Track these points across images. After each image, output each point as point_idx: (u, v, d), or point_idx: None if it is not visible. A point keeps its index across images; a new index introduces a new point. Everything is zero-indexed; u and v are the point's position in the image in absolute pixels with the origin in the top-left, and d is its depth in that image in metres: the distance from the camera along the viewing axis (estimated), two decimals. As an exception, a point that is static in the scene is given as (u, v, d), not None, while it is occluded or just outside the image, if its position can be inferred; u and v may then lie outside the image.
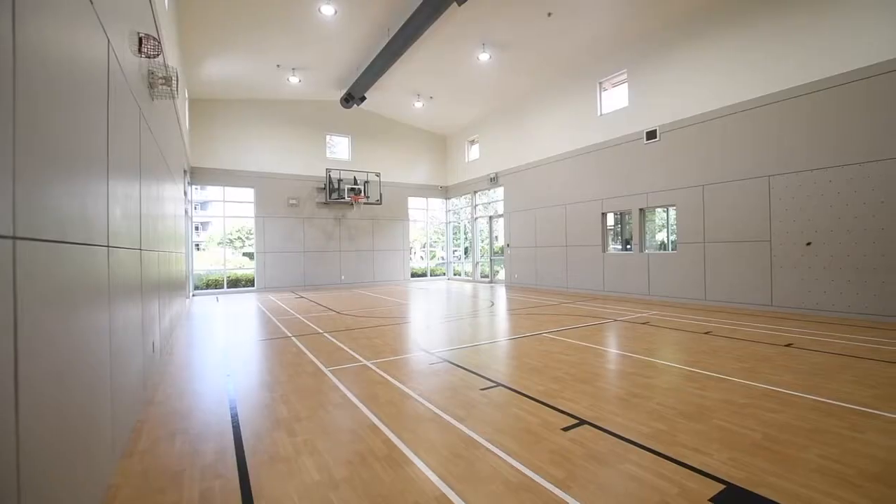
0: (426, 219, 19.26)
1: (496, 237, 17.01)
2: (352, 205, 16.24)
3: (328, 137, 16.39)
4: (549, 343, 5.95)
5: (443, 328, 7.39)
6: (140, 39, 3.73)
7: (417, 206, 18.77)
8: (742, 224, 8.72)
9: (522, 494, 2.28)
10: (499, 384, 4.16)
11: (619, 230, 11.93)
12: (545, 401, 3.68)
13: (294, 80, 13.16)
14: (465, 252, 19.23)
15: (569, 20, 10.07)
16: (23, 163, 1.36)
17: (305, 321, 8.25)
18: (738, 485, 2.34)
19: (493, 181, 15.93)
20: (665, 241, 11.09)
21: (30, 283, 1.41)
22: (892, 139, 6.82)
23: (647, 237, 11.03)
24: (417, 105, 15.60)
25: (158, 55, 4.07)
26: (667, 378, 4.31)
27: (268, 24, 10.13)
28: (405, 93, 14.94)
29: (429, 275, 19.28)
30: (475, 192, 17.53)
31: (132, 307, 3.37)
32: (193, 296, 13.77)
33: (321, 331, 7.19)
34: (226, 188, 14.51)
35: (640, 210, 10.81)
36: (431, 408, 3.56)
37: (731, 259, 8.90)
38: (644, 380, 4.24)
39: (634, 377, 4.34)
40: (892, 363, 4.64)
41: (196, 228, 21.42)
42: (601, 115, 11.88)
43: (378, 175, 16.56)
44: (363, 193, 16.07)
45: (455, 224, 19.51)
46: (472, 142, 17.77)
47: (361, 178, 16.27)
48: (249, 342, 6.55)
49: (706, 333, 6.42)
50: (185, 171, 11.24)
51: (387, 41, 10.72)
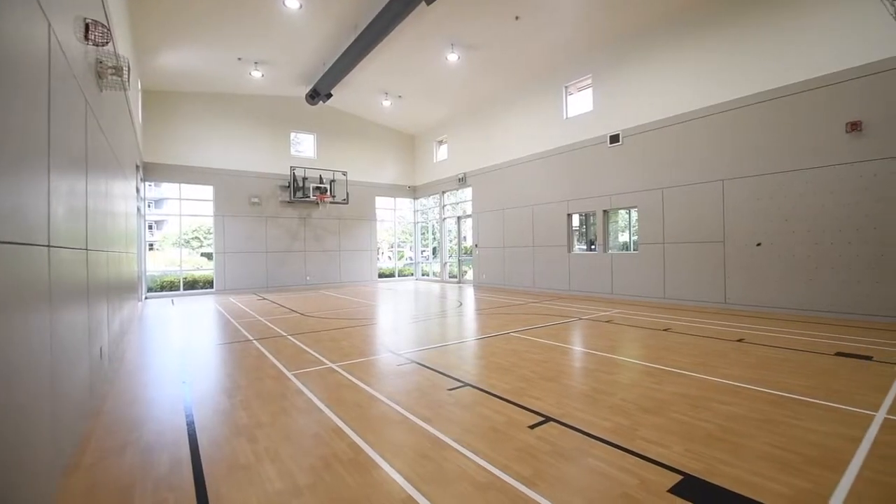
0: (394, 219, 19.12)
1: (464, 237, 17.09)
2: (317, 204, 15.87)
3: (293, 134, 15.97)
4: (517, 342, 6.03)
5: (411, 329, 7.35)
6: (87, 25, 3.49)
7: (385, 206, 18.60)
8: (698, 226, 9.14)
9: (489, 493, 2.28)
10: (466, 384, 4.17)
11: (584, 231, 12.25)
12: (512, 399, 3.72)
13: (256, 75, 12.74)
14: (434, 252, 19.22)
15: (536, 24, 10.25)
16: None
17: (268, 324, 8.00)
18: (695, 475, 2.44)
19: (462, 181, 16.00)
20: (627, 242, 11.48)
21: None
22: (835, 147, 7.33)
23: (611, 238, 11.38)
24: (386, 103, 15.46)
25: (108, 43, 3.82)
26: (628, 374, 4.45)
27: (228, 15, 9.75)
28: (373, 91, 14.77)
29: (397, 275, 19.14)
30: (443, 193, 17.56)
31: (77, 311, 3.15)
32: (146, 298, 13.08)
33: (284, 333, 6.99)
34: (182, 185, 13.85)
35: (604, 211, 11.14)
36: (399, 409, 3.52)
37: (688, 259, 9.32)
38: (607, 376, 4.36)
39: (598, 374, 4.46)
40: (827, 355, 4.98)
41: (150, 227, 20.35)
42: (567, 119, 12.16)
43: (345, 174, 16.28)
44: (329, 192, 15.76)
45: (423, 224, 19.47)
46: (441, 142, 17.78)
47: (327, 177, 15.96)
48: (207, 346, 6.28)
49: (665, 330, 6.68)
50: (138, 167, 10.66)
51: (354, 38, 10.56)
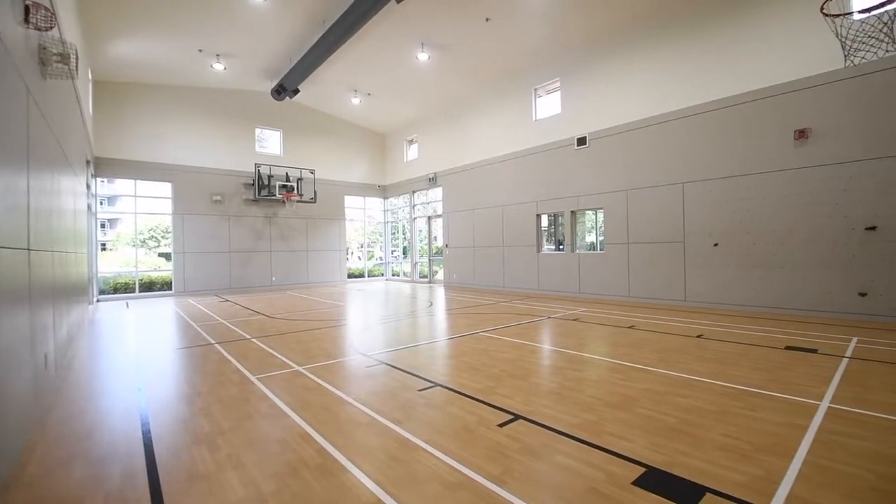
0: (364, 218, 18.88)
1: (435, 237, 17.08)
2: (284, 203, 15.45)
3: (258, 131, 15.48)
4: (487, 342, 6.07)
5: (380, 330, 7.27)
6: (27, 7, 3.25)
7: (355, 206, 18.34)
8: (660, 226, 9.49)
9: (459, 493, 2.28)
10: (437, 384, 4.16)
11: (553, 231, 12.49)
12: (482, 398, 3.73)
13: (219, 68, 12.27)
14: (404, 252, 19.12)
15: (506, 27, 10.36)
16: None
17: (231, 326, 7.72)
18: (657, 467, 2.52)
19: (432, 181, 15.98)
20: (594, 242, 11.79)
21: None
22: (785, 153, 7.78)
23: (578, 238, 11.65)
24: (355, 101, 15.24)
25: (52, 27, 3.57)
26: (595, 371, 4.56)
27: (188, 3, 9.34)
28: (342, 88, 14.52)
29: (366, 275, 18.91)
30: (414, 192, 17.48)
31: (17, 315, 2.93)
32: (98, 301, 12.36)
33: (248, 336, 6.76)
34: (138, 182, 13.16)
35: (572, 212, 11.40)
36: (368, 412, 3.46)
37: (651, 258, 9.66)
38: (575, 373, 4.46)
39: (566, 371, 4.54)
40: (778, 349, 5.28)
41: (102, 226, 19.28)
42: (536, 121, 12.36)
43: (312, 172, 15.94)
44: (296, 191, 15.38)
45: (393, 224, 19.32)
46: (411, 141, 17.70)
47: (294, 175, 15.57)
48: (165, 351, 5.99)
49: (630, 328, 6.90)
50: (89, 162, 10.07)
51: (322, 33, 10.35)
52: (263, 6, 9.53)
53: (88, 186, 9.92)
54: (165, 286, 13.76)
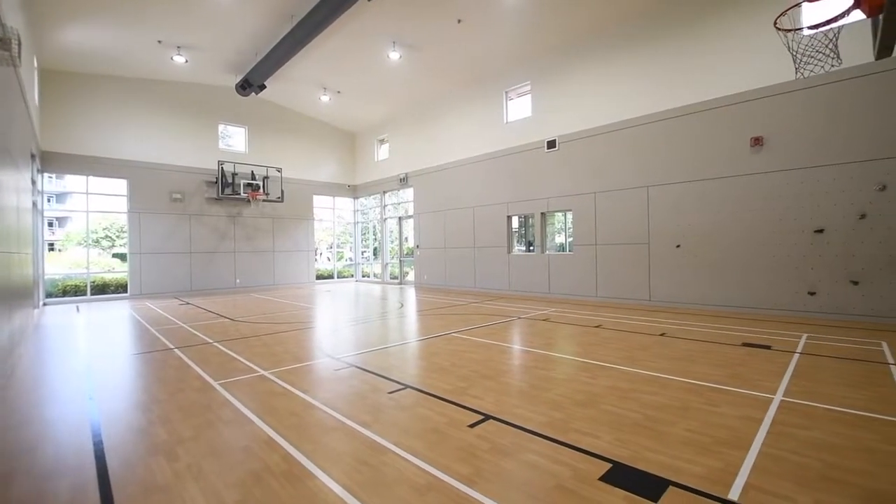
0: (333, 218, 18.55)
1: (406, 238, 16.98)
2: (249, 201, 14.96)
3: (221, 127, 14.94)
4: (458, 342, 6.07)
5: (350, 332, 7.15)
6: (-37, -13, 3.00)
7: (324, 205, 17.99)
8: (626, 228, 9.78)
9: (429, 495, 2.25)
10: (407, 386, 4.12)
11: (523, 232, 12.65)
12: (452, 399, 3.72)
13: (179, 60, 11.76)
14: (375, 253, 18.91)
15: (477, 29, 10.43)
16: None
17: (192, 330, 7.40)
18: (623, 462, 2.58)
19: (403, 182, 15.89)
20: (564, 243, 12.02)
21: None
22: (742, 159, 8.18)
23: (548, 239, 11.85)
24: (324, 99, 14.95)
25: (-9, 10, 3.31)
26: (564, 370, 4.64)
27: (147, -6, 8.91)
28: (311, 85, 14.22)
29: (336, 276, 18.59)
30: (385, 192, 17.33)
31: (-52, 320, 2.69)
32: (45, 305, 11.60)
33: (211, 340, 6.50)
34: (90, 178, 12.43)
35: (542, 214, 11.58)
36: (336, 416, 3.39)
37: (618, 259, 9.94)
38: (544, 372, 4.52)
39: (535, 370, 4.60)
40: (736, 346, 5.53)
41: (50, 225, 18.16)
42: (507, 123, 12.50)
43: (279, 170, 15.52)
44: (262, 190, 14.93)
45: (364, 224, 19.08)
46: (382, 141, 17.54)
47: (260, 173, 15.11)
48: (120, 357, 5.68)
49: (597, 327, 7.06)
50: (34, 156, 9.43)
51: (290, 28, 10.10)
52: (228, -2, 9.20)
53: (34, 182, 9.29)
54: (120, 288, 13.06)
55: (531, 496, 2.25)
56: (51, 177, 12.39)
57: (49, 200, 13.33)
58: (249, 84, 12.80)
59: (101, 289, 12.90)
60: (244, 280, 15.01)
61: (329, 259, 20.16)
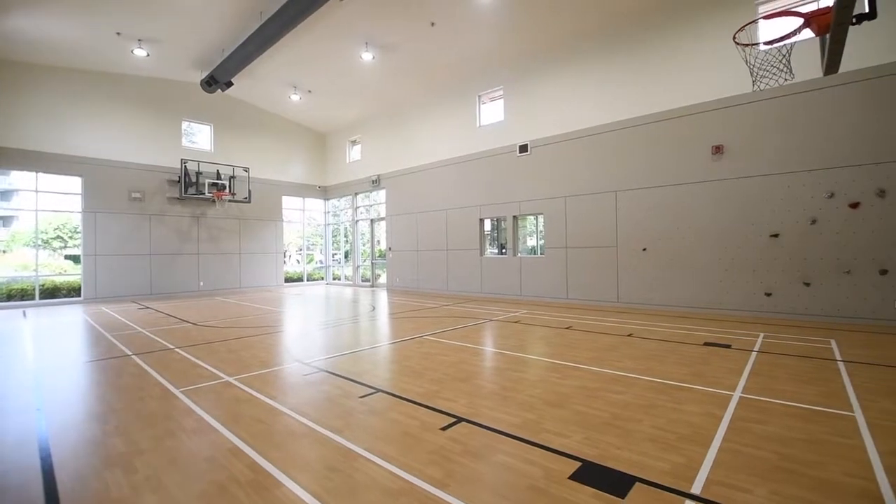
0: (303, 220, 18.17)
1: (378, 240, 16.83)
2: (214, 202, 14.44)
3: (185, 124, 14.38)
4: (430, 345, 6.05)
5: (320, 336, 7.00)
6: None
7: (293, 206, 17.59)
8: (596, 232, 10.02)
9: (401, 500, 2.23)
10: (379, 390, 4.07)
11: (496, 235, 12.77)
12: (425, 402, 3.70)
13: (140, 53, 11.26)
14: (346, 255, 18.64)
15: (451, 33, 10.48)
16: None
17: (152, 336, 7.07)
18: (592, 461, 2.63)
19: (376, 183, 15.75)
20: (535, 246, 12.20)
21: None
22: (703, 166, 8.54)
23: (520, 242, 12.00)
24: (294, 98, 14.64)
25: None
26: (535, 371, 4.69)
27: (105, -17, 8.49)
28: (280, 83, 13.91)
29: (305, 279, 18.20)
30: (356, 194, 17.12)
31: None
32: (-11, 310, 10.82)
33: (172, 346, 6.23)
34: (40, 175, 11.70)
35: (514, 217, 11.73)
36: (305, 422, 3.30)
37: (588, 262, 10.17)
38: (516, 374, 4.56)
39: (507, 372, 4.63)
40: (698, 345, 5.76)
41: (-5, 224, 17.01)
42: (480, 127, 12.60)
43: (247, 170, 15.07)
44: (228, 189, 14.45)
45: (335, 226, 18.78)
46: (354, 142, 17.34)
47: (226, 173, 14.62)
48: (72, 365, 5.35)
49: (567, 328, 7.20)
50: (-22, 151, 8.80)
51: (258, 25, 9.84)
52: (193, -9, 8.89)
53: (-24, 178, 8.67)
54: (73, 292, 12.34)
55: (503, 497, 2.26)
56: (-5, 173, 11.59)
57: (-7, 198, 12.47)
58: (215, 80, 12.38)
59: (52, 293, 12.14)
60: (208, 283, 14.47)
61: (298, 261, 19.71)
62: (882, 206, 6.79)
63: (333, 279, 18.75)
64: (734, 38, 4.17)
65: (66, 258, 15.86)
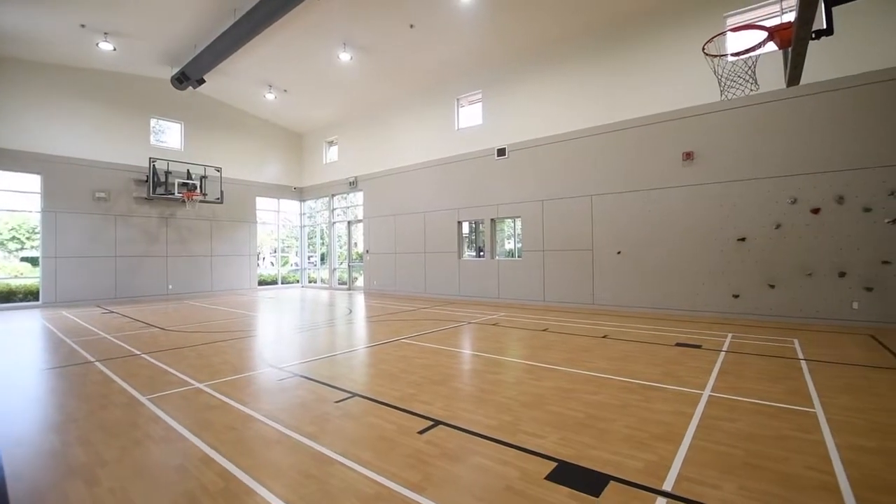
0: (278, 221, 17.81)
1: (355, 243, 16.65)
2: (184, 202, 13.98)
3: (154, 121, 13.90)
4: (407, 348, 6.01)
5: (295, 340, 6.86)
6: None
7: (268, 208, 17.22)
8: (572, 235, 10.19)
9: (378, 506, 2.20)
10: (355, 394, 4.01)
11: (474, 238, 12.82)
12: (402, 406, 3.67)
13: (106, 48, 10.82)
14: (322, 258, 18.36)
15: (430, 36, 10.49)
16: None
17: (116, 342, 6.78)
18: (567, 461, 2.65)
19: (353, 185, 15.59)
20: (513, 249, 12.31)
21: None
22: (675, 172, 8.80)
23: (498, 245, 12.08)
24: (269, 97, 14.36)
25: None
26: (512, 373, 4.72)
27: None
28: (255, 82, 13.62)
29: (280, 282, 17.83)
30: (333, 196, 16.91)
31: None
32: (-64, 315, 10.16)
33: (138, 352, 5.99)
34: (-3, 173, 11.10)
35: (492, 220, 11.80)
36: (279, 428, 3.22)
37: (564, 265, 10.32)
38: (493, 376, 4.57)
39: (485, 375, 4.65)
40: (670, 346, 5.91)
41: (-56, 224, 15.99)
42: (459, 130, 12.65)
43: (219, 170, 14.65)
44: (199, 190, 14.02)
45: (311, 228, 18.49)
46: (331, 143, 17.13)
47: (197, 172, 14.19)
48: (28, 373, 5.08)
49: (544, 331, 7.28)
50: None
51: (233, 21, 9.62)
52: (164, -15, 8.63)
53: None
54: (30, 296, 11.72)
55: (480, 499, 2.26)
56: (-55, 170, 10.93)
57: (-57, 196, 11.77)
58: (187, 77, 12.03)
59: (6, 297, 11.50)
60: (177, 286, 13.99)
61: (273, 264, 19.30)
62: (840, 212, 7.15)
63: (309, 282, 18.44)
64: (704, 49, 4.32)
65: (23, 260, 15.05)
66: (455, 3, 9.17)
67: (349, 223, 16.52)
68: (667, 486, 2.35)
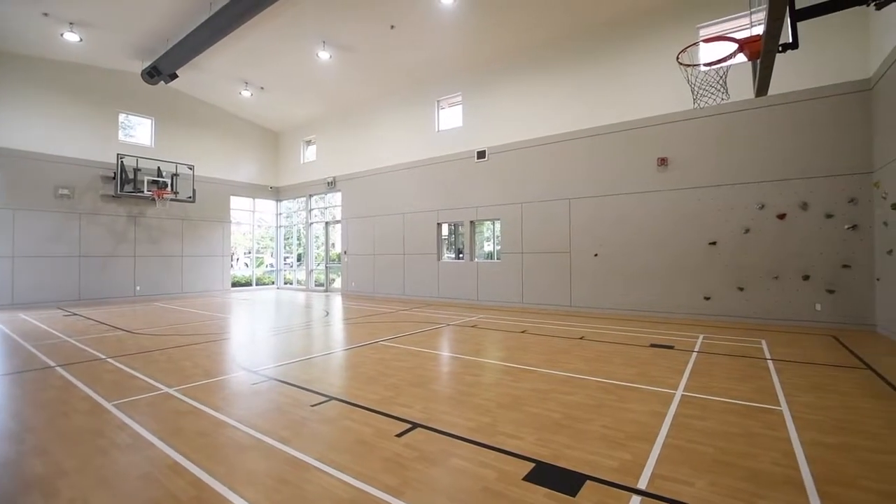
0: (253, 221, 17.42)
1: (333, 244, 16.43)
2: (154, 200, 13.49)
3: (122, 116, 13.40)
4: (386, 351, 5.96)
5: (270, 343, 6.71)
6: None
7: (242, 207, 16.82)
8: (550, 238, 10.31)
9: (355, 512, 2.16)
10: (332, 398, 3.94)
11: (453, 240, 12.83)
12: (380, 409, 3.63)
13: (72, 38, 10.37)
14: (299, 259, 18.05)
15: (411, 37, 10.46)
16: None
17: (80, 345, 6.49)
18: (545, 461, 2.67)
19: (331, 185, 15.39)
20: (492, 251, 12.37)
21: None
22: (650, 177, 9.01)
23: (477, 247, 12.12)
24: (245, 94, 14.05)
25: None
26: (491, 375, 4.74)
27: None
28: (231, 78, 13.30)
29: (254, 284, 17.43)
30: (311, 196, 16.65)
31: None
32: None
33: (103, 356, 5.74)
34: (-50, 167, 10.49)
35: (472, 222, 11.84)
36: (253, 433, 3.14)
37: (542, 267, 10.44)
38: (471, 378, 4.58)
39: (463, 377, 4.64)
40: (644, 347, 6.05)
41: None
42: (439, 132, 12.65)
43: (191, 168, 14.21)
44: (171, 188, 13.58)
45: (287, 228, 18.15)
46: (309, 142, 16.88)
47: (169, 170, 13.73)
48: (-18, 377, 4.80)
49: (522, 332, 7.33)
50: None
51: (208, 16, 9.37)
52: (135, -25, 8.34)
53: None
54: (-14, 297, 11.11)
55: (458, 501, 2.25)
56: None
57: None
58: (158, 72, 11.65)
59: (-40, 298, 10.86)
60: (146, 288, 13.51)
61: (247, 265, 18.86)
62: (805, 218, 7.47)
63: (285, 283, 18.10)
64: (678, 59, 4.45)
65: (-21, 259, 14.24)
66: (436, 5, 9.18)
67: (327, 224, 16.30)
68: (641, 485, 2.39)
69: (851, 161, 7.15)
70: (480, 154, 11.54)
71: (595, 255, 9.59)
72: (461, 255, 12.24)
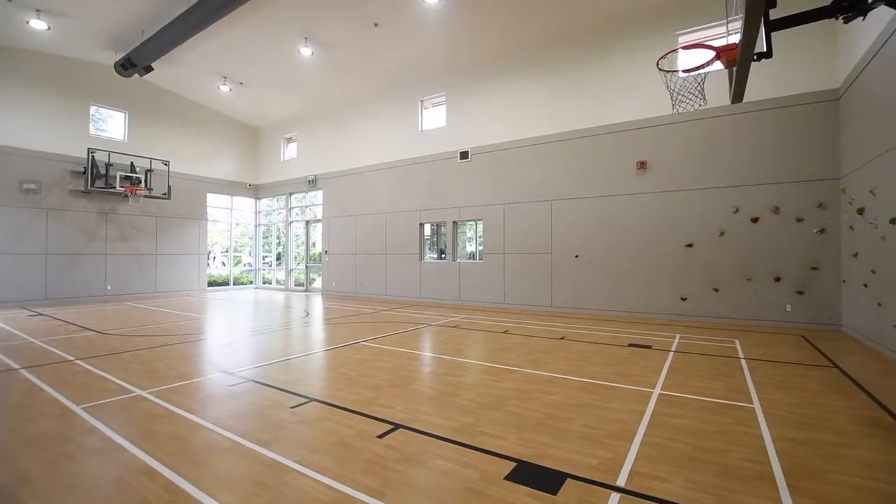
0: (230, 219, 17.04)
1: (313, 243, 16.21)
2: (126, 196, 13.02)
3: (93, 109, 12.93)
4: (367, 351, 5.90)
5: (248, 343, 6.57)
6: None
7: (220, 205, 16.44)
8: (532, 239, 10.40)
9: (336, 515, 2.13)
10: (312, 399, 3.88)
11: (435, 240, 12.81)
12: (361, 410, 3.59)
13: (39, 26, 9.95)
14: (278, 258, 17.74)
15: (395, 36, 10.40)
16: None
17: (45, 346, 6.23)
18: (527, 460, 2.69)
19: (312, 184, 15.18)
20: (474, 252, 12.40)
21: None
22: (630, 180, 9.18)
23: (459, 248, 12.14)
24: (224, 89, 13.73)
25: None
26: (473, 375, 4.74)
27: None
28: (209, 72, 12.99)
29: (232, 283, 17.05)
30: (291, 194, 16.39)
31: None
32: None
33: (71, 357, 5.52)
34: None
35: (454, 222, 11.84)
36: (230, 436, 3.06)
37: (524, 268, 10.52)
38: (454, 378, 4.57)
39: (445, 377, 4.64)
40: (623, 346, 6.15)
41: None
42: (422, 132, 12.61)
43: (167, 164, 13.80)
44: (144, 184, 13.15)
45: (266, 227, 17.83)
46: (290, 139, 16.61)
47: (142, 165, 13.30)
48: (-61, 380, 4.55)
49: (504, 332, 7.37)
50: None
51: (186, 7, 9.12)
52: (108, -37, 8.06)
53: None
54: (-56, 296, 10.56)
55: (440, 502, 2.24)
56: None
57: None
58: (133, 64, 11.26)
59: (-85, 297, 10.29)
60: (118, 287, 13.06)
61: (224, 264, 18.43)
62: (776, 222, 7.73)
63: (264, 283, 17.77)
64: (658, 64, 4.54)
65: (-64, 256, 13.52)
66: (421, 5, 9.15)
67: (307, 223, 16.07)
68: (620, 482, 2.43)
69: (821, 168, 7.44)
70: (463, 154, 11.56)
71: (576, 257, 9.72)
72: (443, 256, 12.24)
